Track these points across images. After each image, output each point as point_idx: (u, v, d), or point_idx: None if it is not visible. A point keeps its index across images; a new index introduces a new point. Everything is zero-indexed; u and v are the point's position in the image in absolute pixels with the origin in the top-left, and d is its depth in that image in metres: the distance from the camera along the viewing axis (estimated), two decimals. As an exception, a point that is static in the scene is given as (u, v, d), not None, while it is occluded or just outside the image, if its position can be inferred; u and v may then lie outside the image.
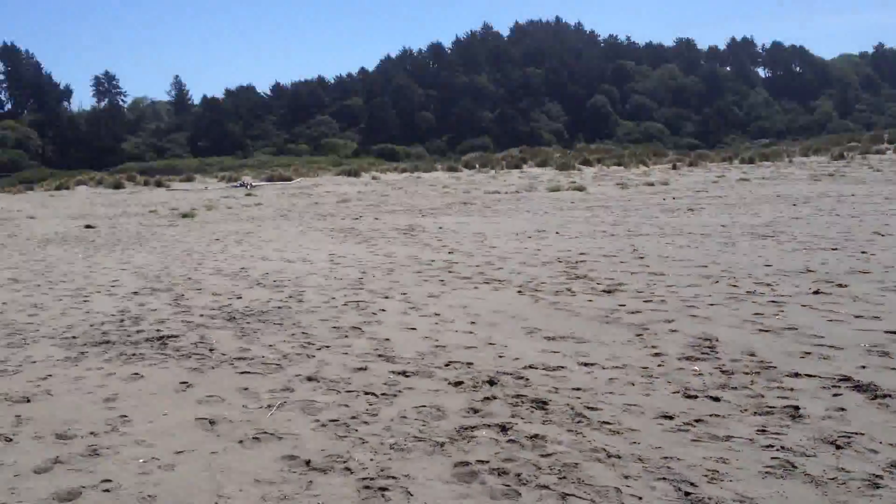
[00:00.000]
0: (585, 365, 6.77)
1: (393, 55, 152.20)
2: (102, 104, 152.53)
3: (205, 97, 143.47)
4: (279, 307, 9.92)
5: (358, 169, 61.19)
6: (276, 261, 14.57)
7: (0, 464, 4.94)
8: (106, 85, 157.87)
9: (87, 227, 24.97)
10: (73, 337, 8.62)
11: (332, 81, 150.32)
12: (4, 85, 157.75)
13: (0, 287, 12.59)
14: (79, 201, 43.81)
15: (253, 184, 54.53)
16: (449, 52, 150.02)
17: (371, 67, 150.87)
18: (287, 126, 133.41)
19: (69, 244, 19.39)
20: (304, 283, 11.82)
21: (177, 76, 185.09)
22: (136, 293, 11.50)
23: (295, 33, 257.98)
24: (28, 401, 6.28)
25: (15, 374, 7.16)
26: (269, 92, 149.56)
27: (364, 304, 9.95)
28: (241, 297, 10.75)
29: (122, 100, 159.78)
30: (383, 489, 4.35)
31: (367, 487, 4.38)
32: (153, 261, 15.31)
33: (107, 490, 4.47)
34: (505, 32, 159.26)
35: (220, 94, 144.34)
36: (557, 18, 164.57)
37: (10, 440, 5.37)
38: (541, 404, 5.73)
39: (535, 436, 5.09)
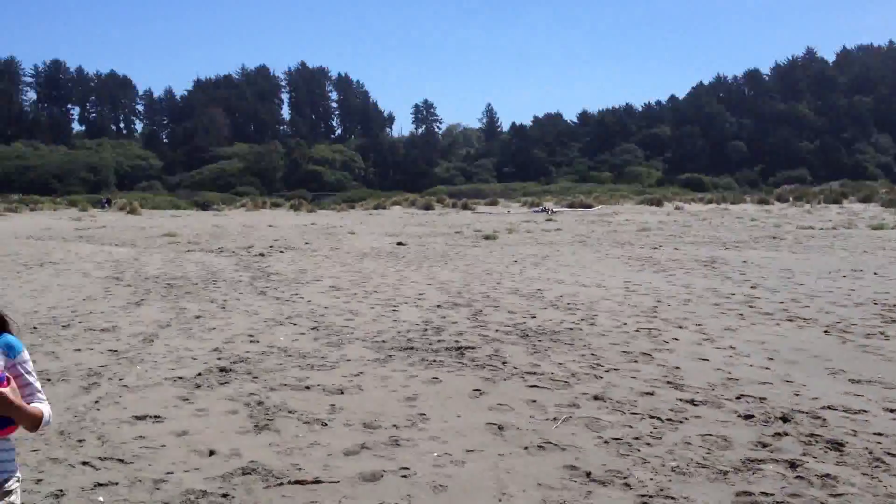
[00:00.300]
0: (892, 411, 6.30)
1: (705, 82, 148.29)
2: (420, 131, 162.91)
3: (513, 124, 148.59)
4: (571, 328, 10.14)
5: (660, 198, 60.42)
6: (571, 284, 14.84)
7: (317, 444, 5.57)
8: (424, 112, 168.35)
9: (399, 244, 26.81)
10: (383, 341, 9.42)
11: (640, 109, 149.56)
12: (337, 112, 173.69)
13: (323, 294, 13.95)
14: (392, 220, 47.14)
15: (554, 209, 55.70)
16: (766, 78, 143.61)
17: (681, 95, 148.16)
18: (591, 153, 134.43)
19: (383, 259, 21.00)
20: (598, 307, 11.96)
21: (489, 104, 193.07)
22: (438, 306, 12.27)
23: (604, 61, 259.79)
24: (342, 392, 6.99)
25: (332, 368, 7.98)
26: (575, 119, 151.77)
27: (656, 331, 9.90)
28: (534, 317, 11.11)
29: (438, 126, 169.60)
30: (662, 509, 4.39)
31: (644, 504, 4.45)
32: (456, 278, 16.18)
33: (405, 476, 4.91)
34: (830, 58, 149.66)
35: (528, 121, 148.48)
36: (891, 42, 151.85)
37: (326, 425, 6.03)
38: (836, 445, 5.44)
39: (826, 475, 4.86)
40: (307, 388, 7.19)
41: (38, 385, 2.72)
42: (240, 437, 5.77)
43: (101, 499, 4.58)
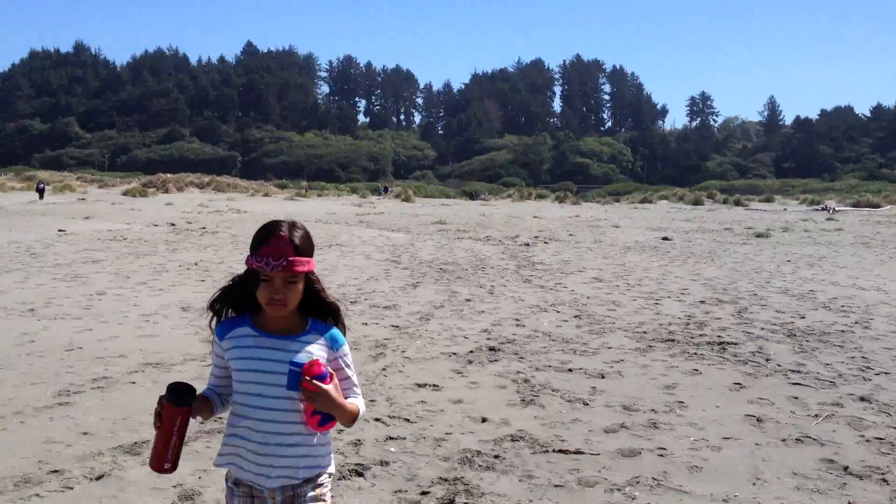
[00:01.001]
0: None
1: None
2: (694, 123, 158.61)
3: (797, 118, 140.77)
4: (842, 331, 9.81)
5: (961, 198, 54.89)
6: (847, 287, 14.17)
7: (578, 420, 5.99)
8: (700, 105, 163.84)
9: (664, 239, 26.57)
10: (644, 332, 9.66)
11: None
12: (608, 104, 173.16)
13: (586, 284, 14.34)
14: (658, 215, 46.51)
15: (836, 208, 52.36)
16: None
17: None
18: (883, 150, 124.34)
19: (646, 253, 21.01)
20: (874, 311, 11.41)
21: (771, 96, 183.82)
22: (702, 302, 12.25)
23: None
24: (602, 377, 7.36)
25: (594, 354, 8.37)
26: (867, 113, 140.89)
27: (938, 339, 9.37)
28: (804, 317, 10.82)
29: (714, 119, 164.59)
30: (918, 505, 4.39)
31: (901, 501, 4.46)
32: (722, 275, 15.95)
33: (661, 455, 5.20)
34: None
35: (814, 115, 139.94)
36: None
37: (587, 404, 6.43)
38: None
39: None
40: (569, 370, 7.63)
41: (355, 379, 2.68)
42: (508, 408, 6.31)
43: (392, 449, 5.29)
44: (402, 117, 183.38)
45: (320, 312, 2.65)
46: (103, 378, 6.97)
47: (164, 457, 2.46)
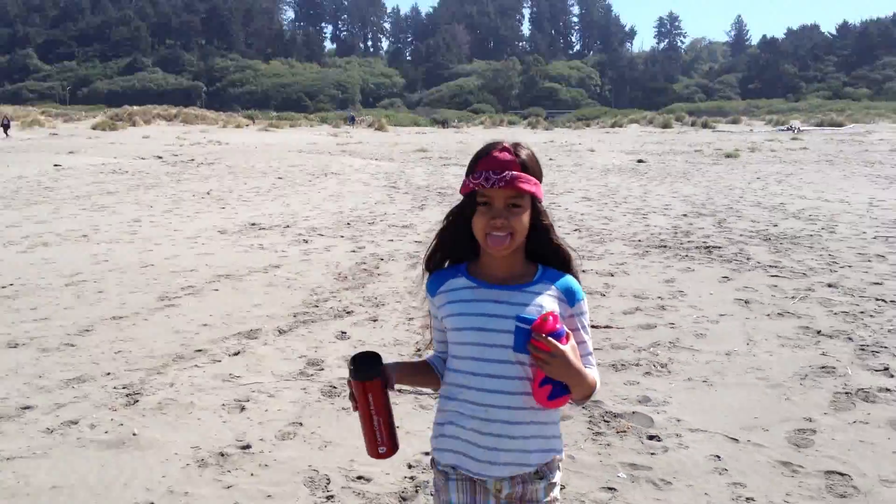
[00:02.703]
0: None
1: None
2: (661, 45, 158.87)
3: (763, 37, 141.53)
4: (811, 235, 11.19)
5: (920, 117, 56.61)
6: (814, 199, 15.56)
7: (601, 306, 7.27)
8: (668, 26, 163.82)
9: (639, 161, 27.87)
10: (639, 240, 10.98)
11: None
12: (577, 27, 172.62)
13: (577, 203, 15.64)
14: (630, 138, 47.86)
15: (801, 128, 53.93)
16: None
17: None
18: (848, 68, 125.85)
19: (625, 174, 22.34)
20: (838, 219, 12.80)
21: (738, 16, 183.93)
22: (684, 215, 13.60)
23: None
24: (612, 275, 8.69)
25: (600, 259, 9.68)
26: (833, 31, 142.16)
27: (893, 239, 10.76)
28: (776, 226, 12.20)
29: (681, 41, 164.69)
30: (875, 352, 5.74)
31: (862, 350, 5.81)
32: (698, 192, 17.32)
33: (672, 327, 6.53)
34: None
35: (780, 34, 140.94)
36: None
37: (604, 295, 7.75)
38: None
39: None
40: (583, 271, 8.83)
41: (591, 346, 2.11)
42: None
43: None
44: (369, 43, 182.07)
45: (546, 259, 2.15)
46: (189, 287, 8.15)
47: (374, 440, 2.10)
